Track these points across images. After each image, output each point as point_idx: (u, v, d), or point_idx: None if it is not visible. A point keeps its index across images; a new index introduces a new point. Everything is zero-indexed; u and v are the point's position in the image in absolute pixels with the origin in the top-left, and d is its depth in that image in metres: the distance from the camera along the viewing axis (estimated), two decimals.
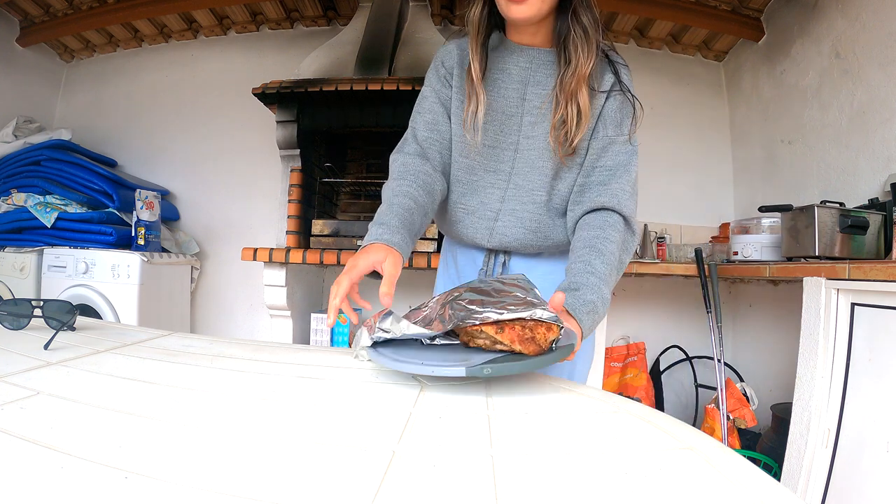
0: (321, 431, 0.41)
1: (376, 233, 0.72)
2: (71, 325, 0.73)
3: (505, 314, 0.54)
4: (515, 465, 0.36)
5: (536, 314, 0.54)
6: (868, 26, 1.77)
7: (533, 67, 0.86)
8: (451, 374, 0.49)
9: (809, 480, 1.31)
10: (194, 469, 0.32)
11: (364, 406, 0.48)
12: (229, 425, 0.41)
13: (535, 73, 0.86)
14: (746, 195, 2.50)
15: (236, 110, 2.66)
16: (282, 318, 2.09)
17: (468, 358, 0.53)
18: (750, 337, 2.34)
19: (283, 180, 2.22)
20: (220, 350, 0.68)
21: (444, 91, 0.90)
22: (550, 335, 0.54)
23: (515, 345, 0.53)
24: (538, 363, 0.52)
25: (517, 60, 0.86)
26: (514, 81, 0.86)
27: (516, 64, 0.86)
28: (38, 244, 2.32)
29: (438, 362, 0.52)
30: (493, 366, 0.50)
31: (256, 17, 2.71)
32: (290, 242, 2.15)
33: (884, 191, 1.65)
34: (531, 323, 0.54)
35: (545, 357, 0.53)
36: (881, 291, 1.19)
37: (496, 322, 0.54)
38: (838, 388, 1.30)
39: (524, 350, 0.53)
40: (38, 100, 2.81)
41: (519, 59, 0.86)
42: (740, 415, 1.83)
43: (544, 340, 0.54)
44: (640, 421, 0.46)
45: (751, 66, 2.46)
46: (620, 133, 0.84)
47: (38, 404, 0.42)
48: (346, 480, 0.32)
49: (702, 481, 0.34)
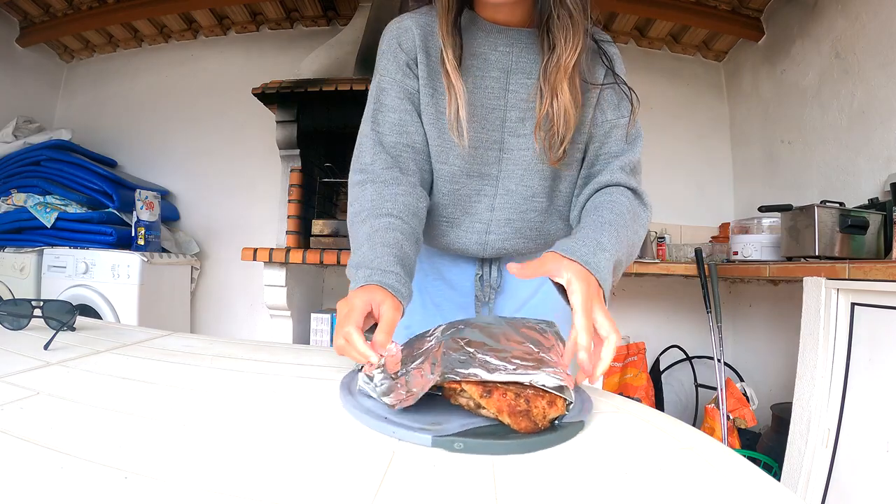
0: (321, 431, 0.41)
1: (364, 275, 0.58)
2: (71, 326, 0.73)
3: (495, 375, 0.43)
4: (515, 465, 0.36)
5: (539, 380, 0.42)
6: (868, 26, 1.77)
7: (515, 52, 0.72)
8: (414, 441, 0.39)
9: (809, 480, 1.31)
10: (194, 469, 0.32)
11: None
12: (229, 425, 0.40)
13: (518, 58, 0.73)
14: (746, 195, 2.50)
15: (236, 110, 2.66)
16: (282, 318, 2.08)
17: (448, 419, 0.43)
18: (750, 337, 2.34)
19: (283, 180, 2.22)
20: (220, 350, 0.68)
21: (408, 82, 0.73)
22: (552, 412, 0.42)
23: (503, 416, 0.41)
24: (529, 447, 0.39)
25: (495, 43, 0.72)
26: (493, 69, 0.73)
27: (494, 48, 0.72)
28: (38, 244, 2.32)
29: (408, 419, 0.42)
30: (466, 440, 0.39)
31: (256, 17, 2.71)
32: (290, 242, 2.15)
33: (884, 191, 1.65)
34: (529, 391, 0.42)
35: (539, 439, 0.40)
36: (881, 291, 1.19)
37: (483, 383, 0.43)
38: (838, 388, 1.30)
39: (513, 425, 0.41)
40: (38, 100, 2.81)
41: (497, 41, 0.72)
42: (740, 415, 1.83)
43: (542, 417, 0.41)
44: (640, 421, 0.46)
45: (751, 67, 2.46)
46: (621, 116, 0.74)
47: (37, 404, 0.42)
48: (347, 480, 0.32)
49: (702, 481, 0.34)
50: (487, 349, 0.47)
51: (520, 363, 0.44)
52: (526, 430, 0.41)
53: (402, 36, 0.74)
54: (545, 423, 0.41)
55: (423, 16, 0.74)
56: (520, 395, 0.42)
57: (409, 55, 0.73)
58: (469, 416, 0.43)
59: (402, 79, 0.73)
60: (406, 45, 0.73)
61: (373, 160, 0.71)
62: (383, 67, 0.75)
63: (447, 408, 0.45)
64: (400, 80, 0.73)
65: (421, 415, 0.43)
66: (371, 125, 0.74)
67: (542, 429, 0.41)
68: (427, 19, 0.73)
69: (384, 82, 0.74)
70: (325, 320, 2.10)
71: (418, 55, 0.73)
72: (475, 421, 0.42)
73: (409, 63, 0.73)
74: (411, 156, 0.73)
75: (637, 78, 0.86)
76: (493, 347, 0.47)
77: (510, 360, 0.45)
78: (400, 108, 0.73)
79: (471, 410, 0.44)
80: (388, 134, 0.73)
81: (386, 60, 0.74)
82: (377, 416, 0.42)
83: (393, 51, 0.74)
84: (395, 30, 0.75)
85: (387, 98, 0.73)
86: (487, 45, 0.72)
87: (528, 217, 0.78)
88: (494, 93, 0.73)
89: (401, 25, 0.74)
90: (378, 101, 0.74)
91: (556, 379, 0.43)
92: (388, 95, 0.73)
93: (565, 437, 0.41)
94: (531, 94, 0.72)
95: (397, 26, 0.75)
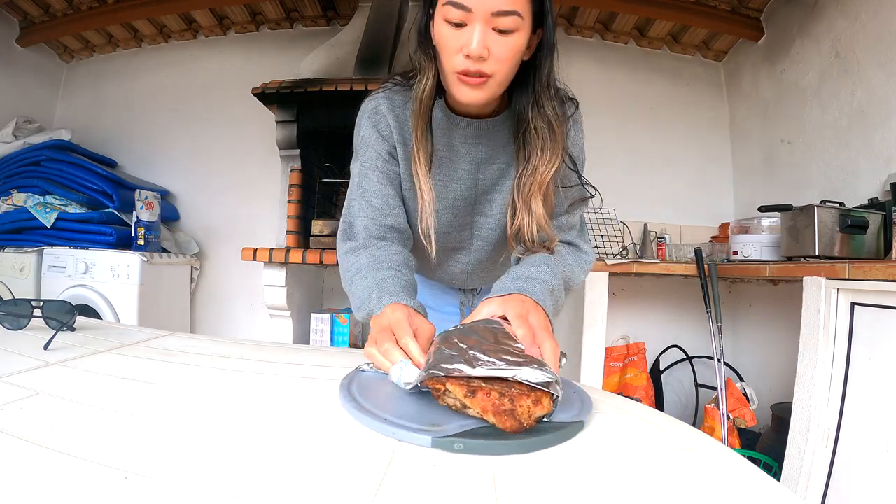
0: (321, 431, 0.41)
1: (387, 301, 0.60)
2: (71, 326, 0.73)
3: (478, 370, 0.42)
4: (515, 465, 0.36)
5: (522, 376, 0.42)
6: (868, 26, 1.77)
7: (484, 142, 0.75)
8: (413, 442, 0.39)
9: (809, 480, 1.31)
10: (194, 469, 0.32)
11: None
12: (229, 425, 0.40)
13: (487, 147, 0.75)
14: (746, 195, 2.50)
15: (236, 110, 2.66)
16: (282, 318, 2.08)
17: (448, 419, 0.42)
18: (750, 337, 2.34)
19: (283, 180, 2.22)
20: (219, 350, 0.68)
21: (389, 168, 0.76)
22: (537, 410, 0.41)
23: (488, 416, 0.40)
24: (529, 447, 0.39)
25: (465, 136, 0.74)
26: (464, 161, 0.75)
27: (464, 141, 0.74)
28: (38, 244, 2.32)
29: (407, 420, 0.41)
30: (465, 441, 0.38)
31: (256, 17, 2.71)
32: (289, 242, 2.15)
33: (884, 191, 1.65)
34: (514, 390, 0.41)
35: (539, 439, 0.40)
36: (881, 291, 1.19)
37: (467, 380, 0.42)
38: (838, 388, 1.30)
39: (499, 424, 0.40)
40: (38, 100, 2.81)
41: (467, 134, 0.74)
42: (740, 415, 1.83)
43: (527, 416, 0.40)
44: (640, 421, 0.46)
45: (751, 66, 2.46)
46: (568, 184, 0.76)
47: (37, 404, 0.42)
48: (347, 480, 0.32)
49: (702, 481, 0.34)
50: (481, 348, 0.46)
51: (509, 359, 0.44)
52: (512, 429, 0.40)
53: (379, 123, 0.75)
54: (531, 422, 0.41)
55: (396, 97, 0.74)
56: (504, 394, 0.41)
57: (388, 143, 0.75)
58: (468, 416, 0.43)
59: (383, 165, 0.75)
60: (385, 133, 0.75)
61: (365, 235, 0.75)
62: (364, 154, 0.76)
63: (447, 408, 0.44)
64: (381, 166, 0.75)
65: (420, 415, 0.43)
66: (357, 207, 0.76)
67: (528, 428, 0.40)
68: (400, 102, 0.74)
69: (366, 168, 0.76)
70: (325, 320, 2.10)
71: (397, 146, 0.75)
72: (475, 421, 0.41)
73: (391, 150, 0.75)
74: (396, 234, 0.76)
75: (637, 78, 0.87)
76: (486, 346, 0.47)
77: (500, 356, 0.44)
78: (382, 193, 0.75)
79: (459, 411, 0.43)
80: (374, 217, 0.75)
81: (366, 148, 0.76)
82: (377, 417, 0.42)
83: (373, 140, 0.75)
84: (371, 114, 0.75)
85: (369, 184, 0.75)
86: (458, 137, 0.74)
87: (498, 261, 0.84)
88: (466, 183, 0.77)
89: (375, 110, 0.75)
90: (361, 187, 0.76)
91: (543, 375, 0.42)
92: (370, 181, 0.75)
93: (565, 437, 0.41)
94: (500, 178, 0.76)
95: (371, 109, 0.75)
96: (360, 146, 0.77)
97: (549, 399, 0.42)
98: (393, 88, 0.76)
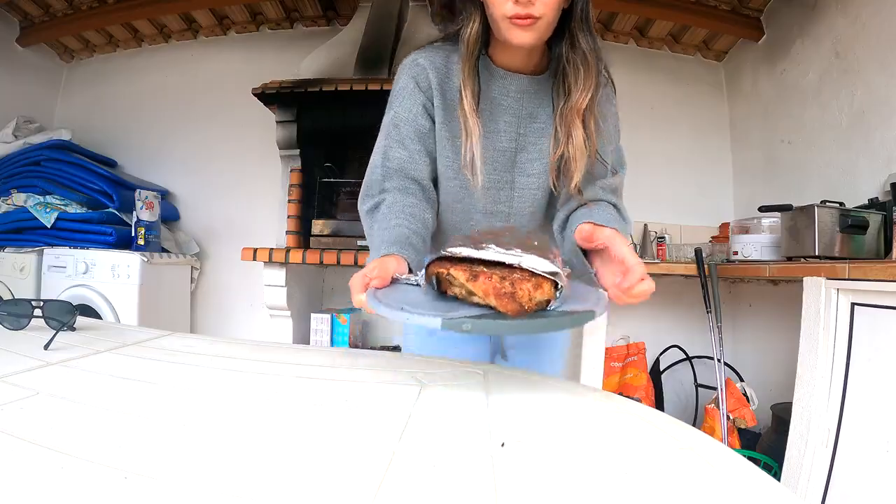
0: (321, 431, 0.41)
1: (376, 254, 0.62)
2: (71, 326, 0.73)
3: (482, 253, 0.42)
4: (515, 465, 0.36)
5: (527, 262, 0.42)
6: (868, 26, 1.77)
7: (526, 98, 0.77)
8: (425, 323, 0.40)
9: (809, 480, 1.31)
10: (194, 469, 0.32)
11: (363, 406, 0.48)
12: (229, 425, 0.41)
13: (529, 104, 0.77)
14: (746, 195, 2.50)
15: (236, 110, 2.66)
16: (282, 318, 2.09)
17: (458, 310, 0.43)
18: (750, 337, 2.34)
19: (283, 180, 2.22)
20: (220, 350, 0.68)
21: (421, 122, 0.76)
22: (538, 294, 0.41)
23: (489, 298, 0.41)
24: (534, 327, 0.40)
25: (508, 90, 0.76)
26: (506, 114, 0.77)
27: (507, 94, 0.77)
28: (38, 244, 2.32)
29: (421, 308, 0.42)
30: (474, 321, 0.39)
31: (256, 17, 2.71)
32: (290, 242, 2.15)
33: (884, 191, 1.65)
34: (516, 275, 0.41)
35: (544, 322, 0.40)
36: (881, 291, 1.19)
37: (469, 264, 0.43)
38: (838, 388, 1.30)
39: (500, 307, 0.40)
40: (38, 100, 2.81)
41: (510, 88, 0.76)
42: (740, 415, 1.83)
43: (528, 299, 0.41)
44: (640, 421, 0.46)
45: (751, 66, 2.46)
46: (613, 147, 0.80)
47: (38, 404, 0.42)
48: (346, 480, 0.32)
49: (702, 481, 0.34)
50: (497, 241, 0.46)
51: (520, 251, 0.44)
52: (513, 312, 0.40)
53: (419, 76, 0.76)
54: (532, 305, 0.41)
55: (437, 55, 0.77)
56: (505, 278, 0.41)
57: (426, 95, 0.76)
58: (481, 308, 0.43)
59: (414, 119, 0.76)
60: (423, 86, 0.76)
61: (381, 188, 0.75)
62: (399, 105, 0.77)
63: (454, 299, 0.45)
64: (413, 118, 0.76)
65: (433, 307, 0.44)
66: (382, 158, 0.76)
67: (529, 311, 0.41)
68: (441, 60, 0.76)
69: (398, 119, 0.77)
70: (325, 320, 2.10)
71: (435, 98, 0.76)
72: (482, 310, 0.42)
73: (426, 104, 0.76)
74: (417, 188, 0.76)
75: (637, 78, 0.88)
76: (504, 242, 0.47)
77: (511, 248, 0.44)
78: (410, 147, 0.76)
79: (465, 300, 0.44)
80: (398, 168, 0.75)
81: (402, 98, 0.77)
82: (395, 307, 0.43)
83: (410, 90, 0.76)
84: (411, 68, 0.77)
85: (399, 134, 0.76)
86: (500, 90, 0.76)
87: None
88: (507, 136, 0.77)
89: (417, 64, 0.77)
90: (389, 137, 0.77)
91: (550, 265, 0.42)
92: (401, 132, 0.76)
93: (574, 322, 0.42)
94: (540, 137, 0.77)
95: (413, 65, 0.77)
96: (395, 98, 0.78)
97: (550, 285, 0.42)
98: (433, 47, 0.78)
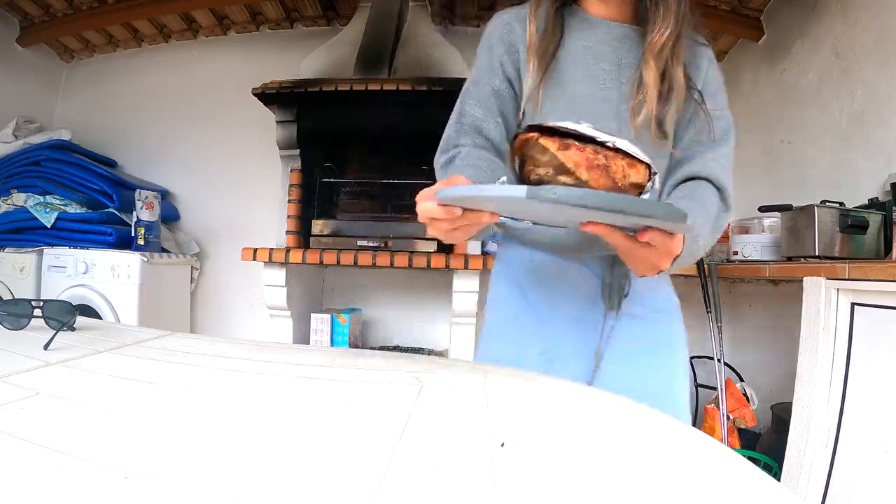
0: (321, 431, 0.41)
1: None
2: (71, 326, 0.73)
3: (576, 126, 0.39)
4: (515, 465, 0.36)
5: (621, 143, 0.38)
6: (868, 26, 1.77)
7: (624, 47, 0.73)
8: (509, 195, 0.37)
9: (809, 480, 1.31)
10: (194, 469, 0.32)
11: (363, 406, 0.48)
12: (229, 425, 0.41)
13: (627, 53, 0.73)
14: (746, 195, 2.49)
15: (236, 110, 2.66)
16: (282, 318, 2.08)
17: None
18: (750, 337, 2.34)
19: (283, 180, 2.22)
20: (220, 350, 0.68)
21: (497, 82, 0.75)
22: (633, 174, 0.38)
23: (581, 170, 0.38)
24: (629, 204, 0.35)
25: (605, 38, 0.74)
26: (605, 61, 0.73)
27: (604, 42, 0.73)
28: (38, 244, 2.32)
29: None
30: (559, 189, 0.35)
31: (256, 17, 2.71)
32: (290, 242, 2.15)
33: (884, 191, 1.65)
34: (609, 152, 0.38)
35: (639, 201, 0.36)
36: (881, 291, 1.19)
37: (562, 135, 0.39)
38: (838, 388, 1.29)
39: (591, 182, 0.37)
40: (38, 100, 2.81)
41: (607, 36, 0.74)
42: (740, 415, 1.83)
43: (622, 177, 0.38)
44: (640, 421, 0.46)
45: (751, 66, 2.46)
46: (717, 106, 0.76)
47: (38, 404, 0.41)
48: (346, 480, 0.32)
49: (702, 481, 0.34)
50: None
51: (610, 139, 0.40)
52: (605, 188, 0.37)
53: (502, 32, 0.76)
54: (626, 183, 0.38)
55: (522, 10, 0.76)
56: (598, 151, 0.38)
57: (508, 50, 0.75)
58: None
59: (491, 75, 0.75)
60: (506, 40, 0.75)
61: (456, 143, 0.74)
62: (479, 60, 0.78)
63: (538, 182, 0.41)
64: (489, 76, 0.76)
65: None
66: (458, 115, 0.76)
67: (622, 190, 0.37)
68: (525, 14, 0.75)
69: (477, 74, 0.77)
70: (325, 320, 2.10)
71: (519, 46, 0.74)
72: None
73: (503, 60, 0.75)
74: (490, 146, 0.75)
75: None
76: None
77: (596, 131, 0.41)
78: (486, 106, 0.75)
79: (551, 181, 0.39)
80: (472, 125, 0.75)
81: (482, 54, 0.77)
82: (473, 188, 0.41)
83: (490, 46, 0.77)
84: (494, 26, 0.77)
85: (477, 93, 0.76)
86: (596, 38, 0.74)
87: None
88: (607, 84, 0.73)
89: (499, 20, 0.77)
90: (468, 93, 0.77)
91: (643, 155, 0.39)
92: (479, 90, 0.76)
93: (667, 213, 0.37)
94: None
95: (496, 22, 0.77)
96: (477, 56, 0.78)
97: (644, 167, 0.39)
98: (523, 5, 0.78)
